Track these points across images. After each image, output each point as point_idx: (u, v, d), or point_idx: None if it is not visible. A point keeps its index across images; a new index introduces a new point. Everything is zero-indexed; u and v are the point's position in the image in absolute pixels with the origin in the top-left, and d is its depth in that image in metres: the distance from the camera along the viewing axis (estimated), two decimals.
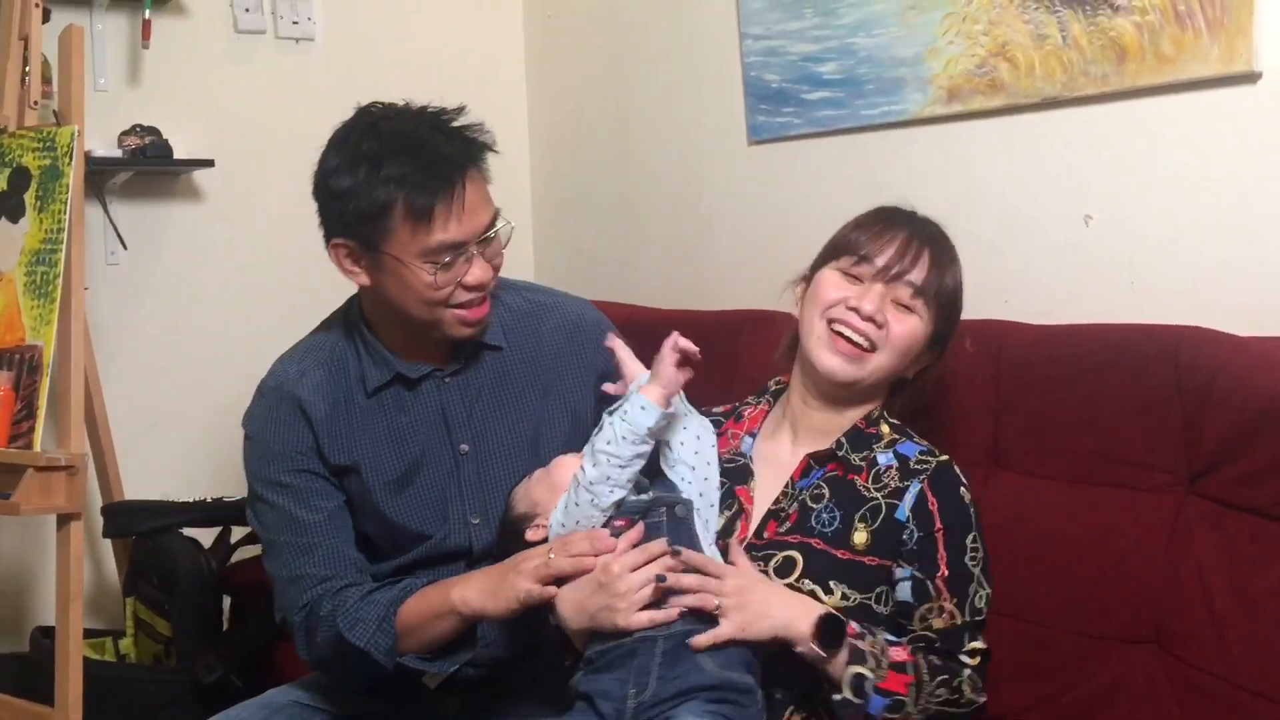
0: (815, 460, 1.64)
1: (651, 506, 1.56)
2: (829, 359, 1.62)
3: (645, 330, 2.58)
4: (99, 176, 2.72)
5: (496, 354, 1.81)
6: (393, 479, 1.75)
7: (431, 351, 1.78)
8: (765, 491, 1.65)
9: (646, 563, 1.49)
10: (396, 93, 3.15)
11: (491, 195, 1.70)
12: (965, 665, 1.52)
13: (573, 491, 1.55)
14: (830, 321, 1.62)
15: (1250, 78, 1.71)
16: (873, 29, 2.28)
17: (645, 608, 1.47)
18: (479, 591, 1.58)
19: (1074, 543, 1.72)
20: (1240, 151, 1.75)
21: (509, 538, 1.64)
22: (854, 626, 1.49)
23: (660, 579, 1.47)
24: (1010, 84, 2.04)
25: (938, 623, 1.52)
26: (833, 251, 1.70)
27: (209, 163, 2.81)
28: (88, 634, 2.34)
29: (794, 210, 2.54)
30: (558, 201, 3.30)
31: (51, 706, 2.21)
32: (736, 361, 2.28)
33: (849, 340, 1.61)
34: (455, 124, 1.69)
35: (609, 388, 1.73)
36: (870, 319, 1.60)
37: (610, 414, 1.56)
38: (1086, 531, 1.71)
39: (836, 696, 1.46)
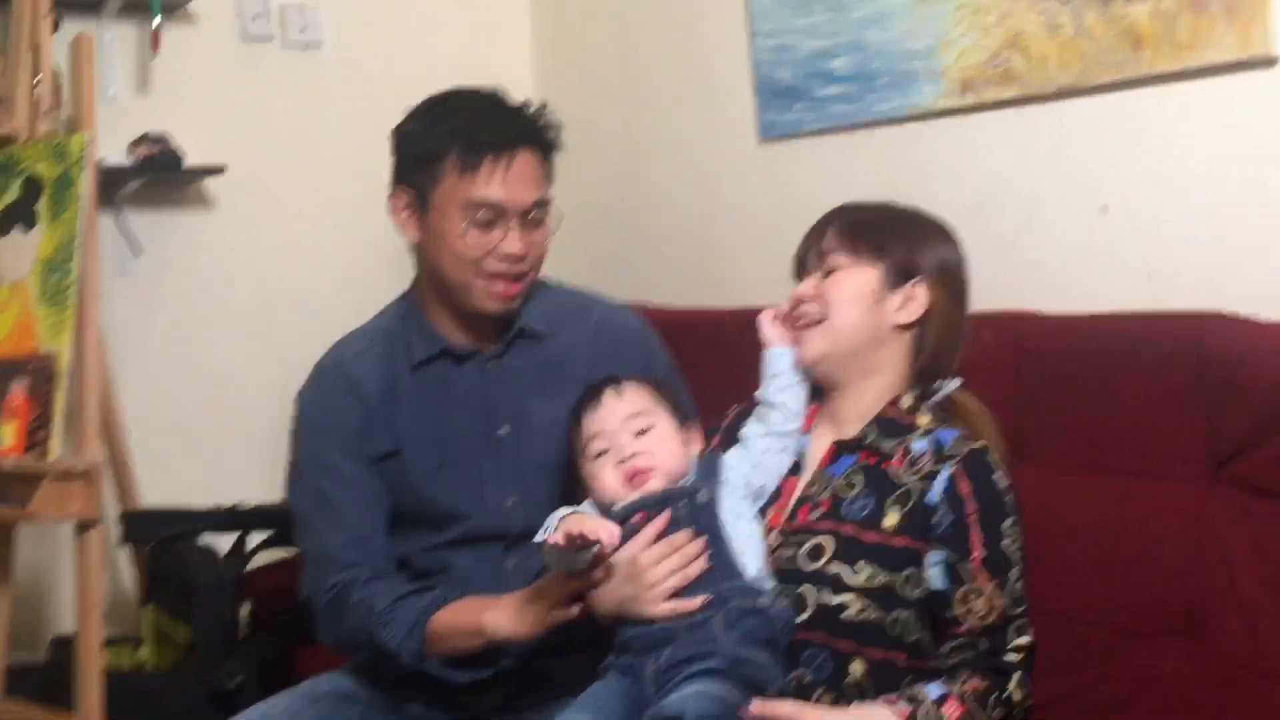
0: (844, 448, 1.63)
1: (666, 499, 1.57)
2: (797, 354, 1.68)
3: (657, 328, 2.61)
4: (110, 186, 2.72)
5: (540, 342, 1.87)
6: (432, 459, 1.80)
7: (477, 333, 1.85)
8: (805, 480, 1.67)
9: (671, 554, 1.52)
10: (405, 98, 3.18)
11: (548, 184, 1.84)
12: (1012, 667, 1.51)
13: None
14: (793, 325, 1.69)
15: (1268, 62, 1.70)
16: (884, 23, 2.28)
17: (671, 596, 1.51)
18: (508, 618, 1.62)
19: (1099, 534, 1.71)
20: (1259, 137, 1.74)
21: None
22: (905, 708, 1.47)
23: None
24: (1024, 75, 2.03)
25: (979, 605, 1.50)
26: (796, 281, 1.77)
27: (219, 170, 2.81)
28: (106, 642, 2.33)
29: (806, 207, 2.49)
30: (566, 201, 3.27)
31: (72, 714, 2.21)
32: (750, 359, 2.26)
33: (801, 328, 1.67)
34: (530, 111, 1.84)
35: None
36: (801, 300, 1.67)
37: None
38: (1112, 523, 1.70)
39: None
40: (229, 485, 2.67)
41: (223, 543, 2.60)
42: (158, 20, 2.71)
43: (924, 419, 1.64)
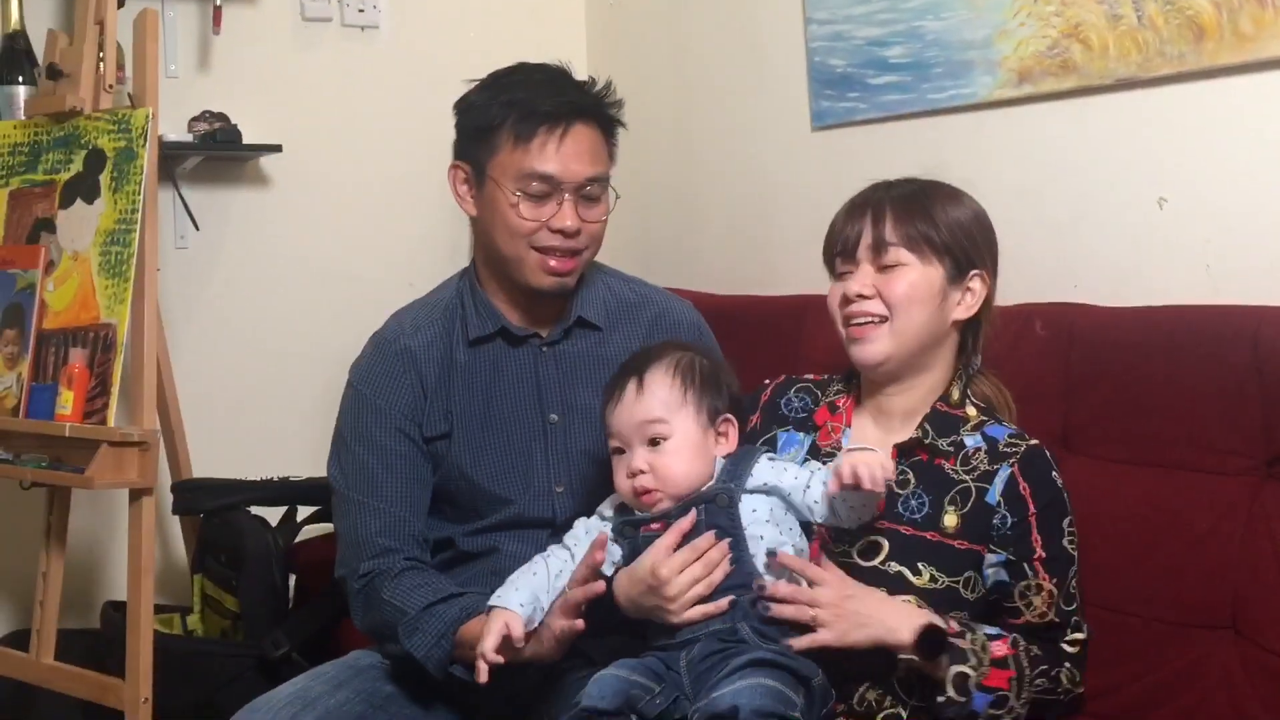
0: (903, 451, 1.61)
1: (686, 506, 1.55)
2: (858, 353, 1.63)
3: (706, 315, 2.61)
4: (169, 161, 2.76)
5: (596, 332, 1.87)
6: (481, 442, 1.80)
7: (534, 315, 1.85)
8: None
9: (695, 559, 1.49)
10: (460, 80, 3.19)
11: (609, 161, 1.83)
12: (1066, 654, 1.51)
13: None
14: (846, 321, 1.64)
15: None
16: (941, 12, 2.26)
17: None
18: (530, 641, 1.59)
19: (1148, 527, 1.70)
20: None
21: None
22: (954, 625, 1.48)
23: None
24: (1083, 65, 2.01)
25: (1038, 601, 1.51)
26: (827, 264, 1.72)
27: (277, 148, 2.84)
28: (156, 609, 2.37)
29: None
30: (618, 186, 3.28)
31: (122, 679, 2.25)
32: (801, 346, 2.27)
33: (861, 325, 1.62)
34: (591, 87, 1.82)
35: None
36: (861, 296, 1.61)
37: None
38: (1160, 516, 1.69)
39: (940, 698, 1.45)
40: (279, 459, 2.71)
41: (272, 515, 2.63)
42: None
43: (971, 410, 1.63)
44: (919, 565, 1.51)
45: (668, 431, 1.55)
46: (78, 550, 2.67)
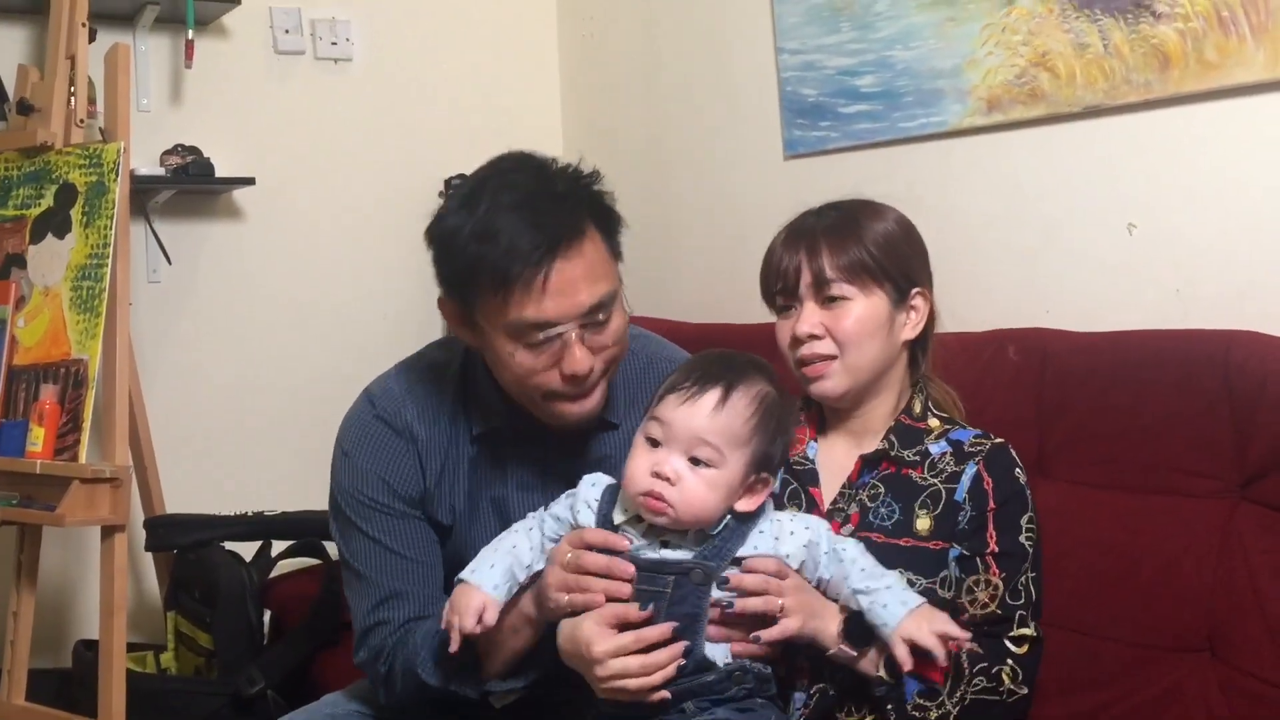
0: (868, 462, 1.63)
1: (660, 570, 1.42)
2: (815, 390, 1.63)
3: (682, 344, 2.61)
4: (142, 195, 2.75)
5: (613, 431, 1.66)
6: (484, 533, 1.62)
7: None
8: (828, 491, 1.65)
9: (636, 650, 1.38)
10: (434, 113, 3.20)
11: (613, 270, 1.54)
12: (1009, 652, 1.49)
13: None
14: (799, 363, 1.63)
15: None
16: (910, 41, 2.29)
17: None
18: (533, 601, 1.51)
19: (1123, 551, 1.70)
20: None
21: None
22: None
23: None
24: (1051, 93, 2.03)
25: (983, 596, 1.50)
26: (766, 299, 1.72)
27: (250, 181, 2.84)
28: (129, 648, 2.35)
29: None
30: None
31: (95, 719, 2.22)
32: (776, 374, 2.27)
33: (814, 365, 1.61)
34: (574, 185, 1.54)
35: None
36: (812, 336, 1.60)
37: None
38: (1135, 540, 1.70)
39: (878, 690, 1.45)
40: (253, 493, 2.69)
41: (246, 551, 2.61)
42: (191, 33, 2.75)
43: (934, 422, 1.64)
44: (897, 570, 1.51)
45: (718, 461, 1.41)
46: (49, 588, 2.64)
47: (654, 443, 1.42)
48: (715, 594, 1.42)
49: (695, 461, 1.40)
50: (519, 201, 1.47)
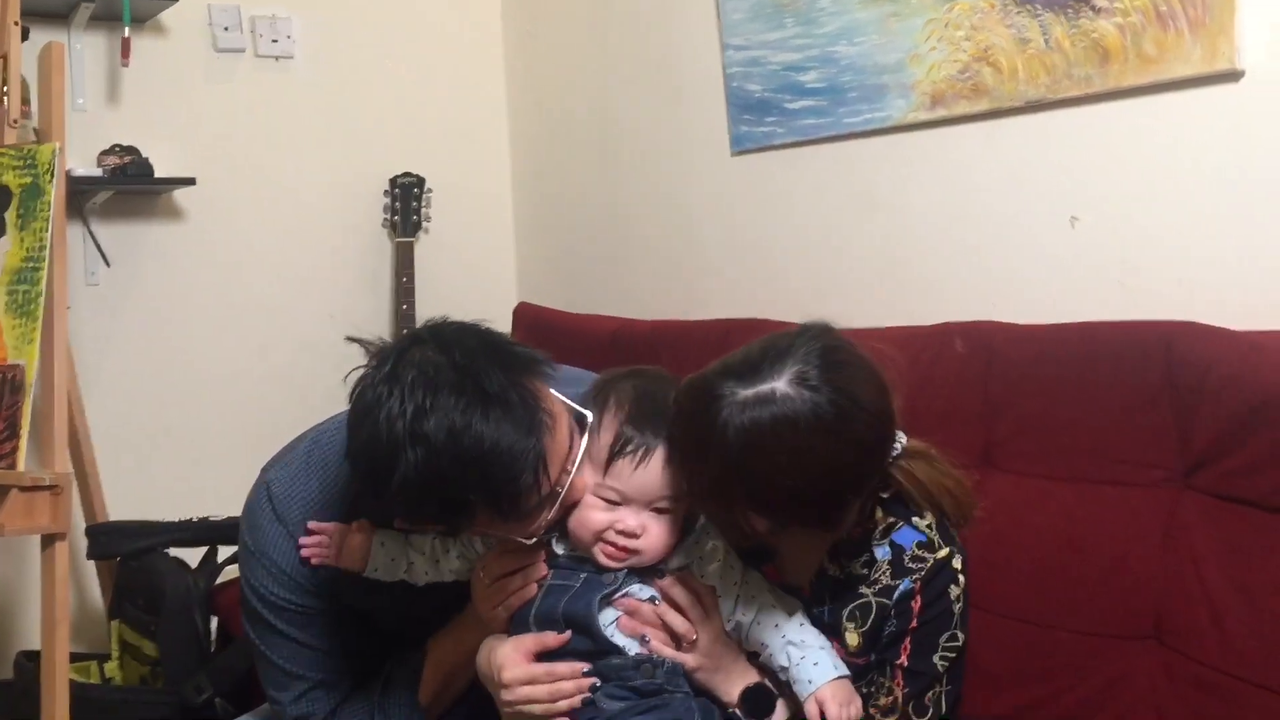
0: (816, 588, 1.48)
1: (578, 565, 1.42)
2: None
3: (633, 342, 2.61)
4: (79, 196, 2.70)
5: None
6: (405, 618, 1.60)
7: None
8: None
9: (545, 683, 1.39)
10: (378, 112, 3.17)
11: (555, 395, 1.38)
12: None
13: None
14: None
15: (1233, 76, 1.73)
16: (854, 37, 2.30)
17: None
18: (475, 634, 1.50)
19: (1069, 541, 1.72)
20: (1225, 148, 1.76)
21: None
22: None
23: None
24: (994, 88, 2.05)
25: (884, 701, 1.41)
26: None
27: (190, 181, 2.79)
28: (72, 657, 2.30)
29: (779, 219, 2.55)
30: (540, 215, 3.30)
31: None
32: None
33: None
34: (504, 357, 1.34)
35: None
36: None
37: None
38: (1081, 529, 1.71)
39: None
40: (198, 498, 2.65)
41: (191, 557, 2.57)
42: (128, 30, 2.70)
43: (879, 513, 1.43)
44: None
45: (676, 506, 1.41)
46: None
47: (610, 503, 1.41)
48: (642, 591, 1.43)
49: (658, 511, 1.40)
50: (479, 419, 1.27)
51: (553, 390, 1.38)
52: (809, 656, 1.39)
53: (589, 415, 1.42)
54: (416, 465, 1.26)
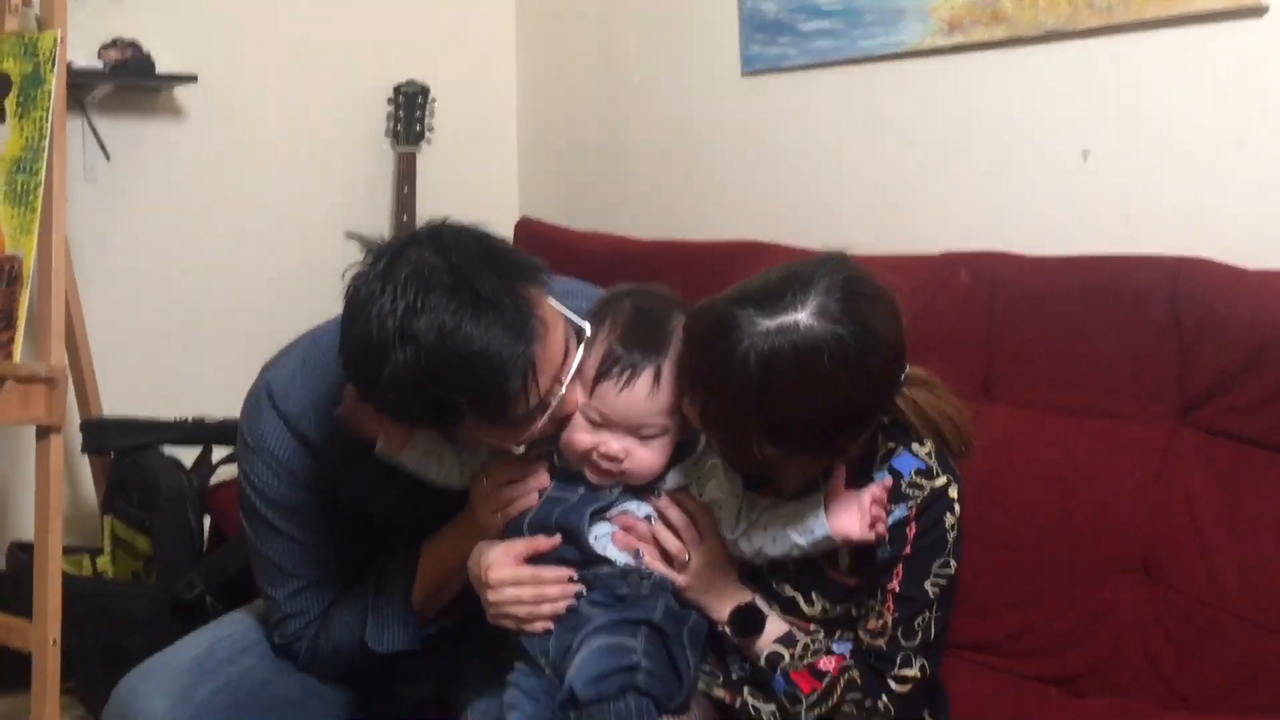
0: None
1: (576, 479, 1.43)
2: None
3: (632, 261, 2.60)
4: (79, 90, 2.66)
5: None
6: (404, 518, 1.59)
7: None
8: None
9: (529, 586, 1.40)
10: (386, 16, 3.11)
11: (551, 304, 1.37)
12: (889, 689, 1.41)
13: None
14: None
15: (1257, 11, 1.71)
16: None
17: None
18: (470, 540, 1.50)
19: (1063, 474, 1.73)
20: (1244, 86, 1.74)
21: None
22: (789, 632, 1.45)
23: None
24: (1013, 15, 2.02)
25: (872, 624, 1.42)
26: None
27: (192, 78, 2.75)
28: (65, 551, 2.31)
29: (787, 142, 2.52)
30: (545, 132, 3.26)
31: (30, 621, 2.20)
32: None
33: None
34: (499, 263, 1.32)
35: None
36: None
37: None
38: (1076, 462, 1.72)
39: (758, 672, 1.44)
40: (193, 399, 2.65)
41: (186, 456, 2.58)
42: None
43: (879, 438, 1.43)
44: (812, 595, 1.46)
45: (661, 431, 1.40)
46: None
47: (594, 423, 1.40)
48: (638, 508, 1.43)
49: (642, 436, 1.39)
50: (469, 319, 1.27)
51: (551, 300, 1.37)
52: (815, 526, 1.39)
53: (587, 328, 1.41)
54: (405, 364, 1.26)
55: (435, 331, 1.26)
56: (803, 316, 1.26)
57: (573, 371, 1.38)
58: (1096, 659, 1.65)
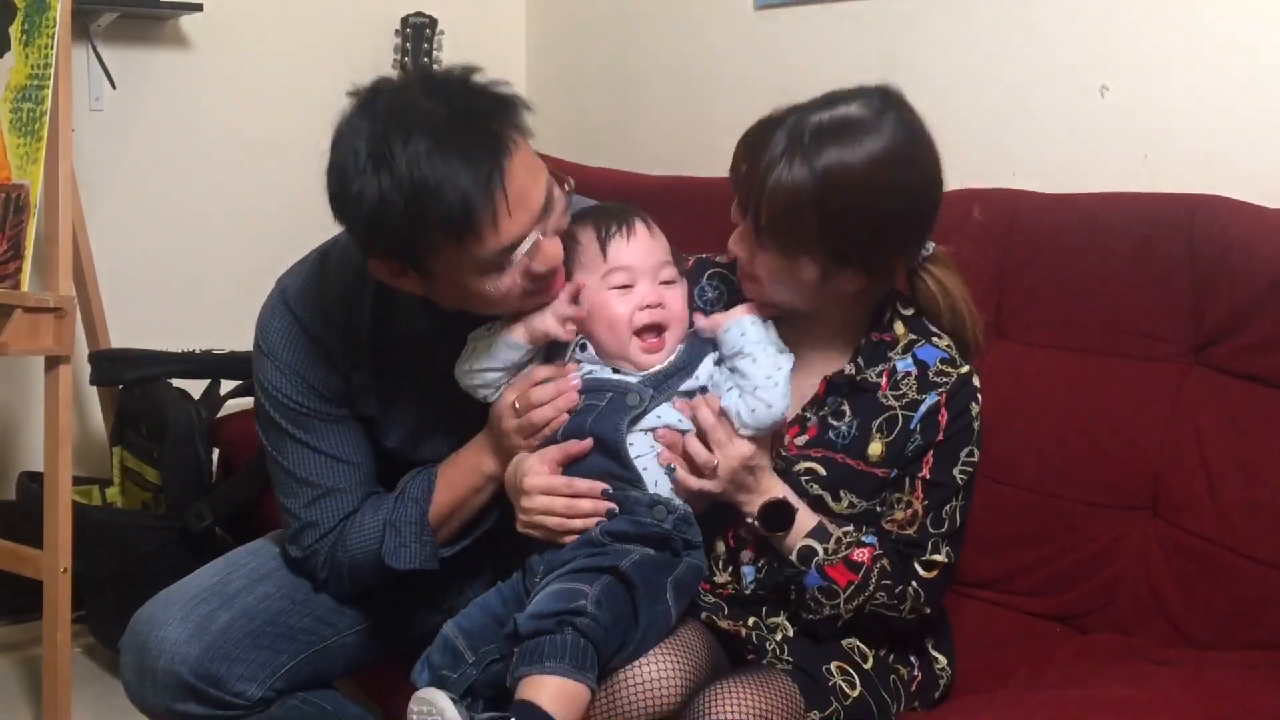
0: (833, 384, 1.50)
1: (602, 388, 1.46)
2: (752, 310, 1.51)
3: (643, 197, 2.57)
4: (84, 16, 2.63)
5: None
6: (412, 421, 1.62)
7: None
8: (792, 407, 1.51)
9: (564, 496, 1.42)
10: None
11: (536, 156, 1.41)
12: (917, 575, 1.44)
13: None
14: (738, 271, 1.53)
15: None
16: None
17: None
18: (491, 457, 1.53)
19: (1074, 411, 1.73)
20: (1265, 20, 1.71)
21: None
22: (819, 523, 1.46)
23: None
24: None
25: (901, 515, 1.45)
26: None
27: (198, 7, 2.72)
28: (74, 481, 2.32)
29: (801, 78, 2.44)
30: (555, 66, 3.22)
31: (41, 549, 2.21)
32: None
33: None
34: (478, 97, 1.39)
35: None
36: (746, 274, 1.49)
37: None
38: (1087, 400, 1.72)
39: (787, 570, 1.46)
40: (201, 331, 2.65)
41: (194, 389, 2.58)
42: None
43: (899, 329, 1.49)
44: (840, 492, 1.47)
45: (676, 275, 1.50)
46: None
47: (624, 287, 1.47)
48: (669, 415, 1.46)
49: (666, 284, 1.49)
50: (438, 142, 1.33)
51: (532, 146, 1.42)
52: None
53: (569, 180, 1.47)
54: (377, 183, 1.32)
55: (406, 151, 1.32)
56: (852, 109, 1.39)
57: (555, 216, 1.43)
58: (1102, 595, 1.66)
